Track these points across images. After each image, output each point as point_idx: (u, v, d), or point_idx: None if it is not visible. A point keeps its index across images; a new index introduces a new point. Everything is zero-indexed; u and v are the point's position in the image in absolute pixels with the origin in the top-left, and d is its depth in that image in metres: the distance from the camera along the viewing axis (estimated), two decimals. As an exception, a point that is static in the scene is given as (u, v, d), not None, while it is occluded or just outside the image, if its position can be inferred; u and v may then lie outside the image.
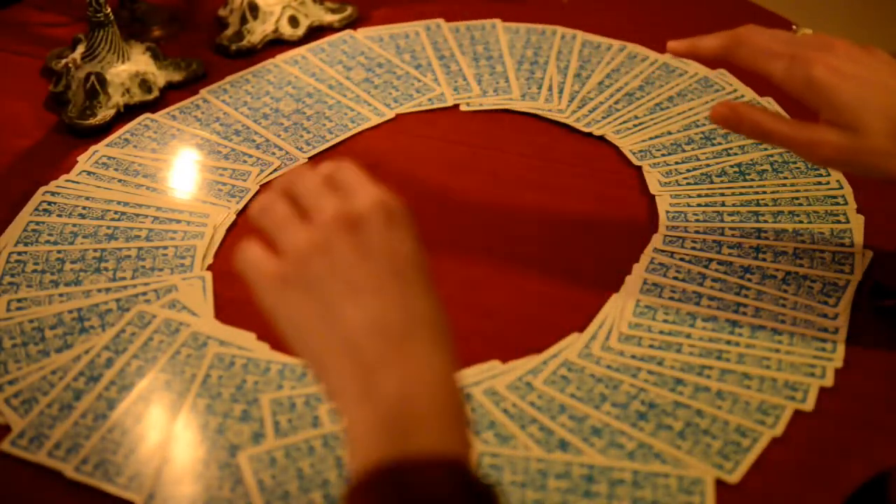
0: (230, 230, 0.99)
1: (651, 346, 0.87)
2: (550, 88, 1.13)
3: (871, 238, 0.96)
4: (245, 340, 0.88)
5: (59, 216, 1.00)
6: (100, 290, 0.93)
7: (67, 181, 1.03)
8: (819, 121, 0.83)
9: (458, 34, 1.20)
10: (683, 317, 0.89)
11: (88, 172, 1.04)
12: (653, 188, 1.01)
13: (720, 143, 1.05)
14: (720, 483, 0.78)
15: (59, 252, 0.96)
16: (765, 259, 0.94)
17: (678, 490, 0.77)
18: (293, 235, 0.63)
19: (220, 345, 0.88)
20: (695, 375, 0.85)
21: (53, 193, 1.02)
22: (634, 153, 1.05)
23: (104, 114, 1.10)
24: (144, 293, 0.92)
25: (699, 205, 0.99)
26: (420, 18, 1.22)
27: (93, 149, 1.07)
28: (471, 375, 0.86)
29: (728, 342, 0.87)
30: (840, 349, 0.87)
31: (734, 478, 0.78)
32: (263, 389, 0.85)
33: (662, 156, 1.04)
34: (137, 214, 1.00)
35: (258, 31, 1.20)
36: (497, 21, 1.21)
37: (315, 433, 0.80)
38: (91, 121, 1.09)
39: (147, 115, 1.11)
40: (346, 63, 1.17)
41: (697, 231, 0.97)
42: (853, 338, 0.88)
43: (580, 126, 1.08)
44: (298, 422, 0.82)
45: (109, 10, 1.10)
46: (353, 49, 1.19)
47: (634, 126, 1.08)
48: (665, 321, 0.89)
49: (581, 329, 0.89)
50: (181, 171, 1.05)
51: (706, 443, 0.80)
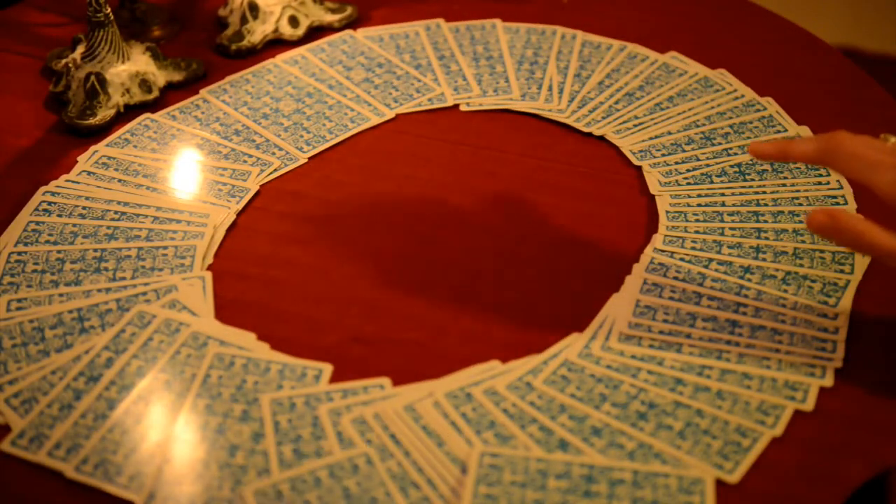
0: (230, 230, 0.99)
1: (651, 346, 0.87)
2: (550, 88, 1.13)
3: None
4: (245, 340, 0.88)
5: (59, 216, 1.00)
6: (100, 290, 0.93)
7: (67, 181, 1.03)
8: None
9: (458, 34, 1.20)
10: (683, 317, 0.89)
11: (88, 172, 1.04)
12: (653, 188, 1.01)
13: (720, 143, 1.05)
14: (720, 483, 0.78)
15: (59, 252, 0.96)
16: (765, 259, 0.94)
17: (678, 490, 0.77)
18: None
19: (220, 345, 0.88)
20: (695, 375, 0.85)
21: (53, 193, 1.02)
22: (634, 153, 1.05)
23: (104, 114, 1.10)
24: (144, 293, 0.92)
25: (699, 205, 0.99)
26: (420, 18, 1.22)
27: (93, 149, 1.07)
28: (471, 375, 0.86)
29: (728, 342, 0.87)
30: (840, 349, 0.87)
31: (734, 478, 0.78)
32: (263, 389, 0.85)
33: (662, 156, 1.04)
34: (137, 214, 1.00)
35: (258, 31, 1.20)
36: (497, 21, 1.21)
37: (320, 463, 0.80)
38: (91, 121, 1.09)
39: (147, 115, 1.11)
40: (346, 63, 1.17)
41: (697, 231, 0.97)
42: (853, 338, 0.88)
43: (580, 126, 1.08)
44: (298, 422, 0.82)
45: (109, 10, 1.10)
46: (353, 49, 1.19)
47: (634, 126, 1.08)
48: (665, 321, 0.89)
49: (581, 329, 0.89)
50: (181, 171, 1.05)
51: (706, 443, 0.80)
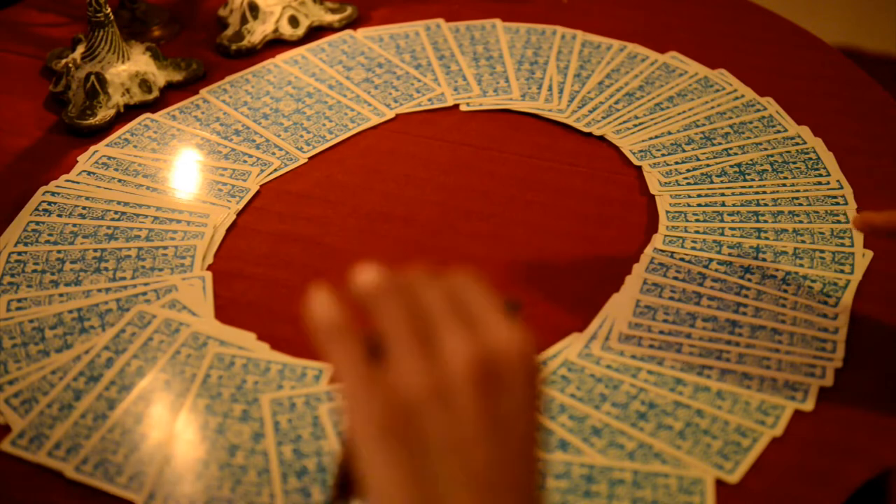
0: (230, 230, 0.99)
1: (651, 346, 0.87)
2: (550, 88, 1.13)
3: (871, 238, 0.96)
4: (245, 340, 0.88)
5: (59, 216, 1.00)
6: (100, 290, 0.93)
7: (67, 181, 1.03)
8: None
9: (458, 34, 1.20)
10: (683, 317, 0.89)
11: (88, 172, 1.04)
12: (653, 188, 1.01)
13: (720, 143, 1.05)
14: (720, 483, 0.78)
15: (59, 252, 0.96)
16: (765, 259, 0.94)
17: (678, 490, 0.77)
18: (411, 369, 0.50)
19: (220, 345, 0.88)
20: (695, 375, 0.85)
21: (53, 193, 1.02)
22: (634, 153, 1.05)
23: (104, 114, 1.10)
24: (144, 293, 0.92)
25: (699, 205, 0.99)
26: (420, 18, 1.22)
27: (93, 149, 1.07)
28: (471, 375, 0.86)
29: (728, 342, 0.87)
30: (840, 349, 0.87)
31: (734, 478, 0.78)
32: (263, 389, 0.85)
33: (662, 156, 1.04)
34: (137, 214, 1.00)
35: (258, 31, 1.20)
36: (497, 21, 1.21)
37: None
38: (91, 121, 1.09)
39: (147, 115, 1.11)
40: (346, 63, 1.17)
41: (697, 231, 0.97)
42: (853, 338, 0.88)
43: (580, 126, 1.08)
44: (298, 422, 0.82)
45: (109, 10, 1.10)
46: (353, 49, 1.19)
47: (634, 126, 1.08)
48: (665, 321, 0.89)
49: (581, 329, 0.89)
50: (181, 171, 1.05)
51: (706, 443, 0.80)
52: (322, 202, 1.02)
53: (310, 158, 1.06)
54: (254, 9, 1.20)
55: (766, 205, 0.99)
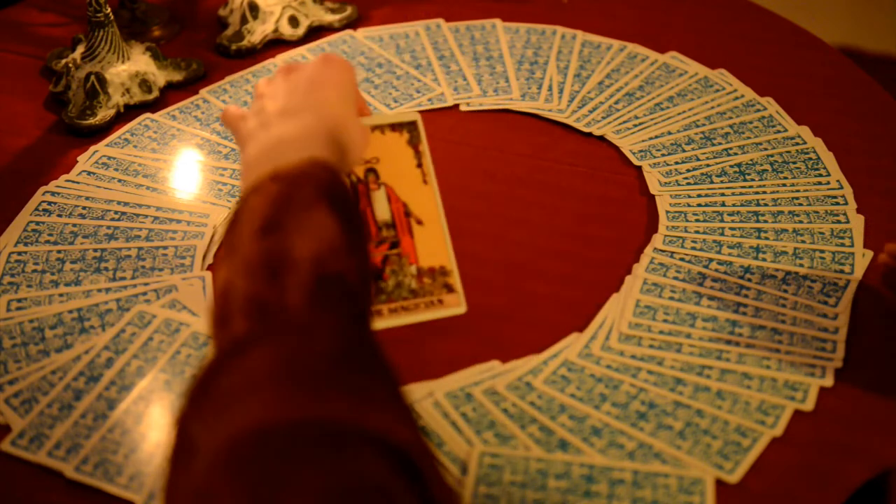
0: (230, 230, 0.99)
1: (651, 346, 0.87)
2: (550, 88, 1.13)
3: (871, 238, 0.96)
4: (245, 340, 0.89)
5: (59, 216, 1.00)
6: (100, 290, 0.93)
7: (67, 181, 1.03)
8: None
9: (458, 34, 1.20)
10: (683, 317, 0.89)
11: (88, 172, 1.04)
12: (653, 188, 1.01)
13: (720, 143, 1.05)
14: (720, 483, 0.78)
15: (59, 252, 0.96)
16: (765, 259, 0.94)
17: (678, 490, 0.77)
18: (263, 84, 0.82)
19: (220, 345, 0.88)
20: (695, 375, 0.85)
21: (53, 193, 1.02)
22: (634, 153, 1.05)
23: (104, 114, 1.10)
24: (144, 293, 0.92)
25: (699, 205, 0.99)
26: (420, 18, 1.22)
27: (93, 149, 1.07)
28: (471, 375, 0.86)
29: (728, 342, 0.87)
30: (840, 349, 0.87)
31: (734, 478, 0.78)
32: (263, 389, 0.85)
33: (662, 156, 1.04)
34: (137, 214, 1.00)
35: (258, 31, 1.20)
36: (497, 21, 1.21)
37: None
38: (91, 121, 1.09)
39: (147, 115, 1.11)
40: (346, 63, 1.17)
41: (697, 231, 0.97)
42: (853, 338, 0.88)
43: (580, 126, 1.08)
44: (298, 422, 0.82)
45: (109, 10, 1.10)
46: (353, 49, 1.19)
47: (634, 126, 1.08)
48: (665, 321, 0.89)
49: (581, 329, 0.89)
50: (181, 171, 1.05)
51: (706, 443, 0.80)
52: (322, 202, 1.02)
53: (310, 158, 1.06)
54: (254, 9, 1.20)
55: (766, 205, 0.99)
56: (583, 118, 1.09)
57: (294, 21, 1.20)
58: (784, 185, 1.01)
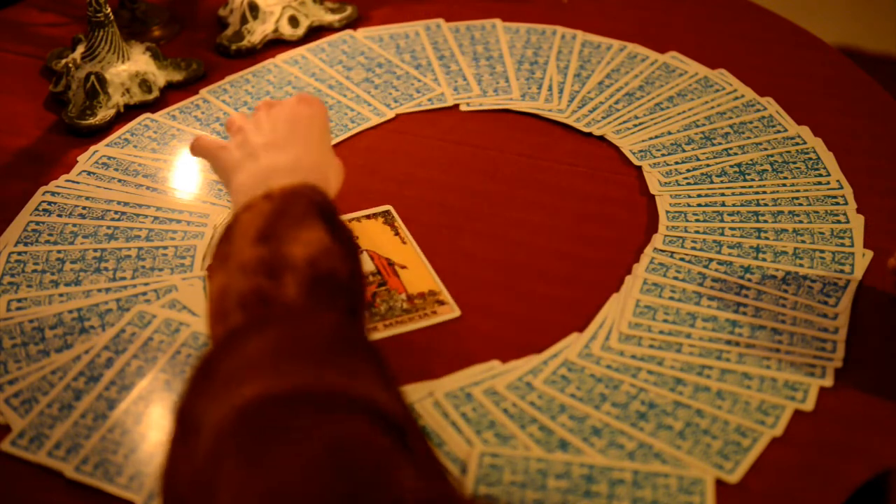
0: (230, 230, 0.99)
1: (651, 346, 0.87)
2: (550, 88, 1.13)
3: (871, 238, 0.96)
4: (245, 340, 0.89)
5: (59, 216, 1.00)
6: (100, 290, 0.93)
7: (67, 181, 1.03)
8: None
9: (458, 34, 1.20)
10: (683, 317, 0.89)
11: (88, 172, 1.04)
12: (653, 188, 1.01)
13: (720, 143, 1.05)
14: (720, 483, 0.78)
15: (59, 252, 0.96)
16: (765, 259, 0.94)
17: (678, 490, 0.77)
18: (239, 119, 0.88)
19: (220, 345, 0.88)
20: (695, 375, 0.85)
21: (53, 193, 1.02)
22: (634, 153, 1.05)
23: (104, 114, 1.10)
24: (144, 293, 0.92)
25: (699, 205, 0.99)
26: (420, 18, 1.22)
27: (93, 149, 1.07)
28: (471, 375, 0.86)
29: (728, 342, 0.87)
30: (840, 349, 0.87)
31: (734, 478, 0.78)
32: (263, 389, 0.85)
33: (662, 156, 1.04)
34: (137, 214, 1.00)
35: (258, 31, 1.20)
36: (497, 21, 1.21)
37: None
38: (91, 121, 1.09)
39: (147, 115, 1.11)
40: (346, 63, 1.17)
41: (697, 231, 0.97)
42: (853, 338, 0.88)
43: (580, 126, 1.08)
44: (298, 422, 0.82)
45: (109, 10, 1.10)
46: (353, 49, 1.19)
47: (634, 126, 1.08)
48: (665, 321, 0.89)
49: (581, 329, 0.89)
50: (181, 171, 1.05)
51: (706, 443, 0.80)
52: (322, 202, 1.02)
53: (310, 158, 1.06)
54: (254, 9, 1.20)
55: (766, 205, 0.99)
56: (583, 118, 1.09)
57: (294, 21, 1.20)
58: (784, 185, 1.01)
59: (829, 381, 0.85)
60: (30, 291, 0.93)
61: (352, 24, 1.23)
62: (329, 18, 1.23)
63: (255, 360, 0.65)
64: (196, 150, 0.89)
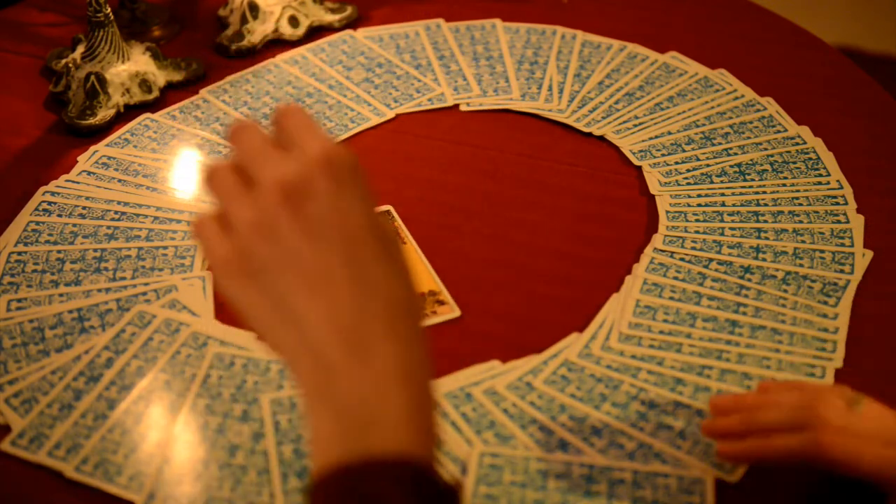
0: (230, 230, 0.99)
1: (651, 346, 0.87)
2: (550, 88, 1.13)
3: (871, 238, 0.96)
4: (245, 340, 0.88)
5: (59, 216, 1.00)
6: (100, 290, 0.93)
7: (67, 181, 1.03)
8: None
9: (458, 34, 1.20)
10: (683, 317, 0.89)
11: (88, 172, 1.04)
12: (653, 188, 1.01)
13: (720, 143, 1.05)
14: (720, 483, 0.78)
15: (59, 252, 0.96)
16: (765, 259, 0.94)
17: (678, 490, 0.77)
18: (238, 211, 0.58)
19: (220, 345, 0.88)
20: (695, 375, 0.85)
21: (53, 193, 1.02)
22: (634, 153, 1.05)
23: (104, 114, 1.10)
24: (144, 293, 0.92)
25: (699, 205, 0.99)
26: (420, 18, 1.22)
27: (93, 149, 1.07)
28: (471, 375, 0.86)
29: (728, 342, 0.87)
30: (840, 349, 0.87)
31: (734, 478, 0.78)
32: (263, 389, 0.85)
33: (662, 156, 1.04)
34: (137, 214, 1.00)
35: (258, 31, 1.20)
36: (497, 21, 1.21)
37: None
38: (91, 121, 1.09)
39: (147, 115, 1.11)
40: (346, 63, 1.17)
41: (697, 231, 0.97)
42: (853, 338, 0.88)
43: (580, 126, 1.08)
44: (298, 422, 0.82)
45: (109, 10, 1.10)
46: (353, 49, 1.19)
47: (634, 126, 1.08)
48: (665, 321, 0.89)
49: (581, 329, 0.89)
50: (181, 171, 1.05)
51: (706, 443, 0.80)
52: (322, 202, 1.02)
53: (310, 158, 1.06)
54: (254, 9, 1.20)
55: (766, 205, 0.99)
56: (583, 118, 1.09)
57: (294, 21, 1.20)
58: (784, 185, 1.01)
59: (829, 381, 0.84)
60: (30, 291, 0.93)
61: (352, 24, 1.23)
62: (329, 18, 1.23)
63: None
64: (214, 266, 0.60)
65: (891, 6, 2.24)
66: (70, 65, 1.12)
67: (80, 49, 1.13)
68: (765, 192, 1.00)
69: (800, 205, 0.99)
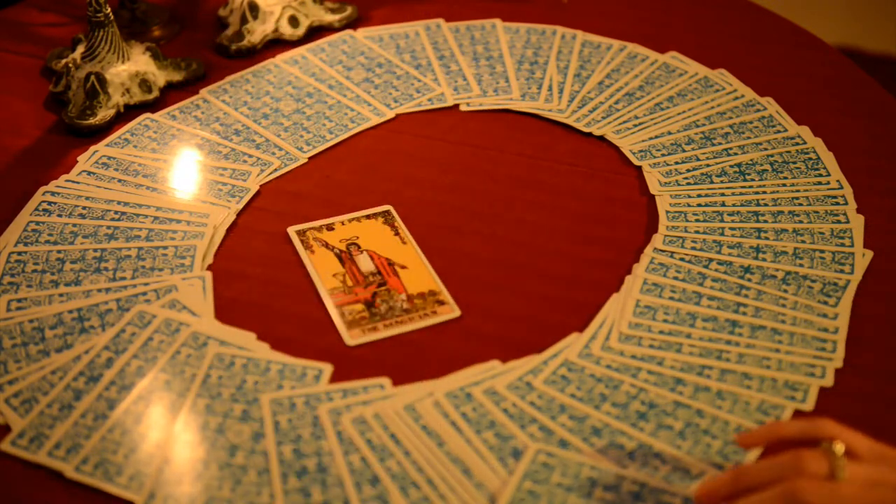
0: (230, 230, 0.99)
1: (651, 346, 0.87)
2: (550, 88, 1.13)
3: (871, 238, 0.96)
4: (245, 340, 0.88)
5: (59, 216, 1.00)
6: (100, 290, 0.93)
7: (67, 181, 1.03)
8: None
9: (458, 34, 1.20)
10: (683, 317, 0.89)
11: (88, 172, 1.04)
12: (653, 188, 1.01)
13: (720, 143, 1.05)
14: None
15: (59, 252, 0.96)
16: (765, 259, 0.94)
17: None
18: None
19: (220, 345, 0.88)
20: (695, 375, 0.85)
21: (53, 193, 1.02)
22: (634, 153, 1.05)
23: (104, 114, 1.10)
24: (144, 293, 0.92)
25: (699, 205, 0.99)
26: (420, 18, 1.22)
27: (93, 149, 1.07)
28: (471, 375, 0.86)
29: (728, 342, 0.87)
30: (840, 349, 0.87)
31: (734, 478, 0.78)
32: (263, 389, 0.85)
33: (662, 156, 1.04)
34: (137, 214, 1.00)
35: (258, 31, 1.20)
36: (497, 21, 1.21)
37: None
38: (91, 121, 1.09)
39: (147, 115, 1.11)
40: (346, 63, 1.17)
41: (697, 231, 0.97)
42: (853, 338, 0.88)
43: (580, 126, 1.08)
44: (298, 422, 0.82)
45: (109, 10, 1.10)
46: (353, 49, 1.19)
47: (634, 126, 1.08)
48: (665, 321, 0.89)
49: (581, 329, 0.89)
50: (181, 171, 1.05)
51: (706, 443, 0.80)
52: (322, 202, 1.02)
53: (310, 158, 1.06)
54: (254, 9, 1.20)
55: (766, 205, 0.99)
56: (583, 118, 1.09)
57: (294, 21, 1.20)
58: (784, 185, 1.01)
59: (829, 381, 0.85)
60: (30, 291, 0.93)
61: (352, 24, 1.23)
62: (329, 18, 1.23)
63: None
64: None
65: (891, 6, 2.24)
66: (70, 65, 1.12)
67: (80, 49, 1.13)
68: (765, 192, 1.00)
69: (800, 205, 0.99)
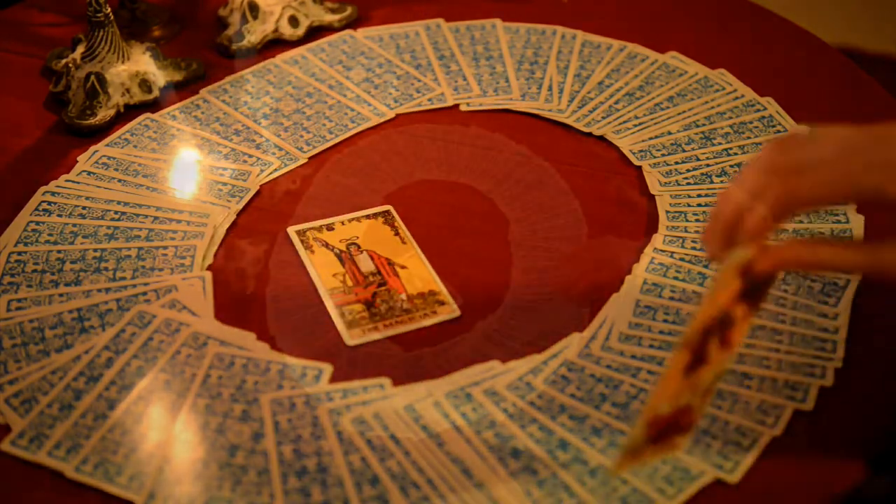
0: (230, 230, 0.99)
1: (651, 346, 0.87)
2: (550, 88, 1.13)
3: (871, 238, 0.96)
4: (245, 340, 0.88)
5: (59, 216, 1.00)
6: (100, 290, 0.93)
7: (67, 181, 1.03)
8: None
9: (458, 34, 1.20)
10: (683, 317, 0.89)
11: (88, 172, 1.04)
12: (653, 188, 1.01)
13: (720, 143, 1.05)
14: (720, 483, 0.78)
15: (59, 252, 0.96)
16: (765, 259, 0.94)
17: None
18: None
19: (220, 345, 0.88)
20: (695, 375, 0.85)
21: (53, 193, 1.02)
22: (634, 153, 1.05)
23: (104, 114, 1.10)
24: (144, 293, 0.92)
25: (699, 205, 0.99)
26: (420, 18, 1.22)
27: (93, 149, 1.07)
28: (471, 375, 0.86)
29: (728, 342, 0.87)
30: (840, 349, 0.87)
31: (734, 478, 0.78)
32: (263, 389, 0.85)
33: (662, 156, 1.04)
34: (137, 214, 1.00)
35: (258, 31, 1.20)
36: (497, 21, 1.21)
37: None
38: (91, 121, 1.09)
39: (147, 115, 1.11)
40: (346, 63, 1.17)
41: (697, 231, 0.97)
42: (853, 338, 0.88)
43: (580, 126, 1.08)
44: (298, 422, 0.82)
45: (109, 10, 1.10)
46: (353, 49, 1.19)
47: (634, 126, 1.08)
48: (665, 321, 0.89)
49: (581, 329, 0.89)
50: (181, 171, 1.05)
51: (706, 443, 0.80)
52: (322, 202, 1.02)
53: (310, 158, 1.06)
54: (254, 9, 1.20)
55: (766, 205, 0.99)
56: (583, 118, 1.09)
57: (294, 21, 1.20)
58: (784, 185, 1.00)
59: (829, 381, 0.84)
60: (30, 291, 0.93)
61: (352, 24, 1.23)
62: (329, 18, 1.23)
63: None
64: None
65: (891, 6, 2.24)
66: (70, 65, 1.12)
67: (80, 49, 1.13)
68: (765, 192, 1.00)
69: (800, 205, 0.99)
